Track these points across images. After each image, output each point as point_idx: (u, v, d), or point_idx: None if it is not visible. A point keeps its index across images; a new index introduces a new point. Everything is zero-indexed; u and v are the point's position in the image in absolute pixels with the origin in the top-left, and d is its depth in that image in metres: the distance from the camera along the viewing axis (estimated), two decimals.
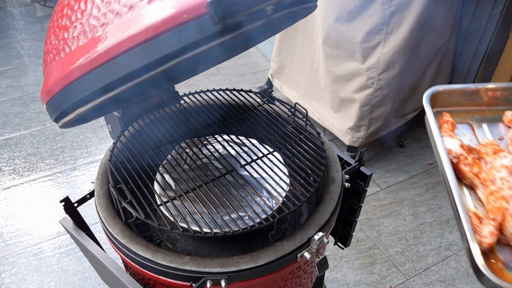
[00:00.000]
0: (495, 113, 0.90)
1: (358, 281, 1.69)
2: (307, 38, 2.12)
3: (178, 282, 0.82)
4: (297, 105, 1.10)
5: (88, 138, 2.43)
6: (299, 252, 0.84)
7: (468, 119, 0.91)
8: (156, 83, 1.07)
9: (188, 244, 1.01)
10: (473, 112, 0.91)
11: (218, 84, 2.90)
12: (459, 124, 0.89)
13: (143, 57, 0.61)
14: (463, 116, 0.91)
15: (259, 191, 0.98)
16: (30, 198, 2.04)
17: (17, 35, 3.59)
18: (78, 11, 0.67)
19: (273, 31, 1.06)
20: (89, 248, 0.91)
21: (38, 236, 1.86)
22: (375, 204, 2.03)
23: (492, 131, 0.87)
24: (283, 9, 0.69)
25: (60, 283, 1.67)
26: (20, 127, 2.51)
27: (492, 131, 0.87)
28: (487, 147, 0.79)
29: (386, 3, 1.72)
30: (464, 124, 0.90)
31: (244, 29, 0.64)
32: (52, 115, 0.75)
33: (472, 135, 0.87)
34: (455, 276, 1.72)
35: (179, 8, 0.59)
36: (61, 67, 0.67)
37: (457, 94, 0.91)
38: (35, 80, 2.96)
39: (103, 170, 1.02)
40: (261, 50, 3.31)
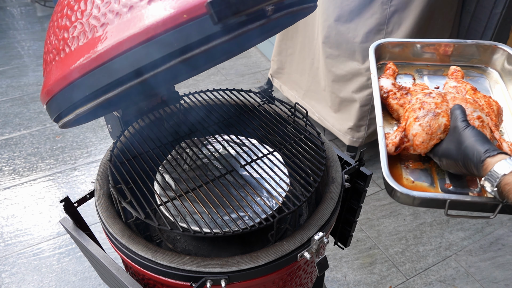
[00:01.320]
0: (438, 68, 0.99)
1: (358, 281, 1.69)
2: (307, 38, 2.12)
3: (178, 282, 0.82)
4: (297, 105, 1.10)
5: (88, 138, 2.43)
6: (299, 252, 0.84)
7: (413, 71, 1.01)
8: (156, 83, 1.07)
9: (188, 244, 1.01)
10: (418, 66, 1.01)
11: (218, 84, 2.90)
12: (403, 75, 0.99)
13: (143, 57, 0.61)
14: (409, 69, 1.01)
15: (259, 191, 0.98)
16: (30, 198, 2.04)
17: (17, 35, 3.59)
18: (78, 11, 0.67)
19: (273, 31, 1.06)
20: (89, 248, 0.91)
21: (38, 236, 1.86)
22: (375, 204, 2.03)
23: (431, 81, 0.96)
24: (283, 9, 0.69)
25: (60, 283, 1.67)
26: (20, 127, 2.51)
27: (431, 81, 0.96)
28: (417, 86, 0.89)
29: (386, 3, 1.72)
30: (408, 75, 1.00)
31: (244, 29, 0.64)
32: (52, 115, 0.75)
33: (411, 84, 0.96)
34: (455, 276, 1.72)
35: (179, 8, 0.59)
36: (61, 67, 0.67)
37: (402, 47, 1.01)
38: (35, 80, 2.96)
39: (103, 170, 1.02)
40: (261, 50, 3.31)
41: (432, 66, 1.01)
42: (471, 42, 0.96)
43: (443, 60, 1.00)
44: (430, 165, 0.83)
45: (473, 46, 0.96)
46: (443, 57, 1.00)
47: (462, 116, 0.76)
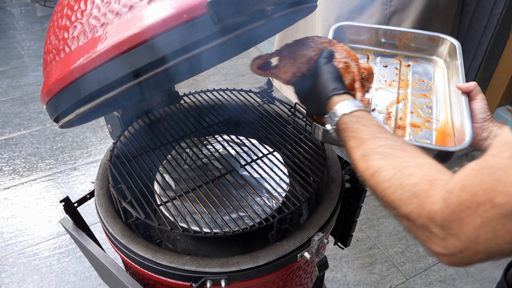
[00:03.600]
0: (392, 53, 1.07)
1: (358, 281, 1.69)
2: None
3: (178, 282, 0.82)
4: (297, 105, 1.10)
5: (88, 138, 2.43)
6: (299, 252, 0.84)
7: (370, 53, 1.07)
8: (156, 83, 1.07)
9: (188, 244, 1.01)
10: (375, 50, 1.08)
11: (218, 84, 2.90)
12: (359, 55, 1.06)
13: (143, 57, 0.61)
14: (366, 52, 1.08)
15: (259, 191, 0.98)
16: (30, 198, 2.04)
17: (17, 35, 3.59)
18: (78, 11, 0.67)
19: (273, 31, 1.06)
20: (89, 248, 0.91)
21: (38, 236, 1.86)
22: (375, 204, 2.03)
23: (382, 61, 1.04)
24: (283, 9, 0.69)
25: (60, 283, 1.67)
26: (20, 127, 2.51)
27: (382, 61, 1.04)
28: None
29: (386, 3, 1.72)
30: (363, 55, 1.07)
31: (244, 29, 0.64)
32: (52, 115, 0.75)
33: (364, 62, 1.01)
34: (455, 276, 1.72)
35: (179, 8, 0.59)
36: (61, 67, 0.67)
37: (359, 31, 1.08)
38: (35, 80, 2.96)
39: (103, 170, 1.02)
40: (261, 50, 3.31)
41: (388, 52, 1.08)
42: (422, 32, 1.04)
43: (397, 47, 1.07)
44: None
45: (424, 36, 1.04)
46: (398, 45, 1.07)
47: (326, 54, 0.76)
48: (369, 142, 0.57)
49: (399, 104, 0.91)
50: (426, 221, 0.45)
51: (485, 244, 0.40)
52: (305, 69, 0.79)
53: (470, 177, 0.41)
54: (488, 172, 0.39)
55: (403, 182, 0.49)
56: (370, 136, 0.58)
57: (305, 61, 0.79)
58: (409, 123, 0.85)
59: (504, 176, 0.38)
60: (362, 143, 0.58)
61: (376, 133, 0.58)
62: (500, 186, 0.38)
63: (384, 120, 0.86)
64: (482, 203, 0.39)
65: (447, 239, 0.43)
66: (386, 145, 0.55)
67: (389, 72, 1.00)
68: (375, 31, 1.06)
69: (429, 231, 0.45)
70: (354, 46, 1.08)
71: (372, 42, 1.08)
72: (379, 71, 1.00)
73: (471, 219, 0.40)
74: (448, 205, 0.43)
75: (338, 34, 1.06)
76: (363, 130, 0.59)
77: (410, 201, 0.48)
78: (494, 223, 0.39)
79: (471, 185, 0.41)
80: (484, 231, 0.40)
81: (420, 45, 1.05)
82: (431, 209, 0.45)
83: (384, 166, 0.53)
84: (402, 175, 0.50)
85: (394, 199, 0.50)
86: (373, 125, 0.60)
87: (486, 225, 0.39)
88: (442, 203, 0.44)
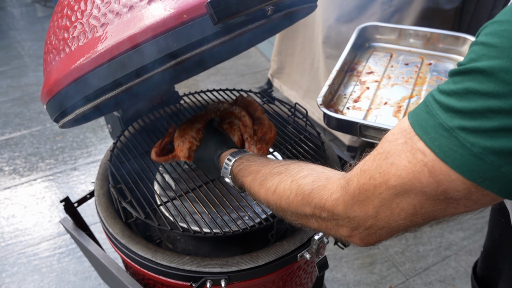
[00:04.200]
0: (417, 53, 1.09)
1: (358, 281, 1.69)
2: (307, 38, 2.12)
3: (178, 282, 0.82)
4: (297, 105, 1.10)
5: (88, 138, 2.43)
6: (299, 252, 0.84)
7: (393, 52, 1.10)
8: (156, 83, 1.07)
9: (188, 244, 1.01)
10: (399, 50, 1.11)
11: (218, 84, 2.90)
12: (383, 52, 1.09)
13: (143, 57, 0.61)
14: (390, 50, 1.11)
15: None
16: (30, 198, 2.04)
17: (17, 35, 3.59)
18: (78, 11, 0.67)
19: (273, 31, 1.06)
20: (89, 248, 0.91)
21: (38, 236, 1.86)
22: None
23: (404, 60, 1.06)
24: (283, 9, 0.69)
25: (60, 283, 1.67)
26: (20, 127, 2.52)
27: (404, 60, 1.06)
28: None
29: (386, 3, 1.72)
30: (387, 53, 1.09)
31: (244, 29, 0.64)
32: (52, 115, 0.75)
33: (386, 60, 1.06)
34: (455, 276, 1.72)
35: (179, 8, 0.59)
36: (61, 67, 0.67)
37: (385, 31, 1.12)
38: (36, 80, 2.96)
39: (103, 170, 1.02)
40: (261, 50, 3.31)
41: (412, 51, 1.11)
42: (446, 32, 1.05)
43: (424, 47, 1.10)
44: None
45: (449, 36, 1.05)
46: (425, 44, 1.09)
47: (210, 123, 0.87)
48: (263, 170, 0.63)
49: (411, 99, 0.93)
50: (329, 213, 0.50)
51: (384, 221, 0.45)
52: (197, 141, 0.86)
53: (369, 163, 0.45)
54: (384, 156, 0.43)
55: (301, 184, 0.54)
56: (262, 165, 0.64)
57: (195, 135, 0.87)
58: None
59: (397, 160, 0.41)
60: (257, 173, 0.64)
61: (266, 162, 0.64)
62: (393, 169, 0.41)
63: (394, 113, 0.89)
64: (378, 185, 0.43)
65: (352, 221, 0.48)
66: (278, 166, 0.61)
67: (409, 69, 1.02)
68: (403, 31, 1.09)
69: (336, 219, 0.50)
70: (379, 45, 1.12)
71: (398, 42, 1.11)
72: (399, 69, 1.03)
73: (370, 200, 0.45)
74: (347, 191, 0.47)
75: (363, 35, 1.10)
76: (253, 165, 0.66)
77: (311, 198, 0.52)
78: (390, 203, 0.43)
79: (369, 169, 0.45)
80: (382, 210, 0.44)
81: (446, 45, 1.07)
82: (332, 200, 0.49)
83: (281, 180, 0.58)
84: (298, 178, 0.55)
85: (297, 204, 0.54)
86: (261, 159, 0.67)
87: (384, 205, 0.44)
88: (342, 191, 0.48)
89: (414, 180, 0.40)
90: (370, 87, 0.97)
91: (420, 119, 0.40)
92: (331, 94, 0.94)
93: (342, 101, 0.94)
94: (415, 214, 0.43)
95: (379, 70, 1.03)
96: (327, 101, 0.92)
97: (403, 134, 0.42)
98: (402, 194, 0.42)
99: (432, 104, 0.40)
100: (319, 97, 0.87)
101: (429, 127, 0.39)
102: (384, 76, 1.01)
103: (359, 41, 1.10)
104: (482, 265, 0.74)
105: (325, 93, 0.89)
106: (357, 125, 0.81)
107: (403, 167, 0.41)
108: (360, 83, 0.99)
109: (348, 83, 0.99)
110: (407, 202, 0.42)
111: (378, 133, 0.81)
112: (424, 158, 0.39)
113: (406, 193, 0.42)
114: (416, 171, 0.40)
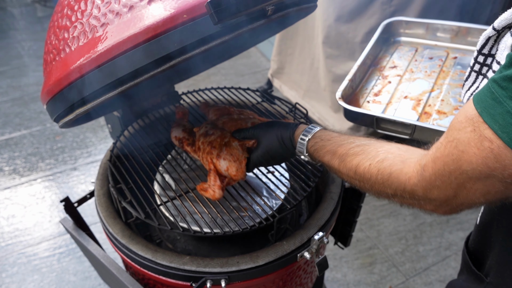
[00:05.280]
0: (443, 46, 1.10)
1: (358, 281, 1.69)
2: (307, 38, 2.12)
3: (178, 282, 0.82)
4: (297, 104, 1.10)
5: (88, 138, 2.43)
6: (299, 252, 0.84)
7: (418, 46, 1.11)
8: (156, 83, 1.07)
9: (188, 244, 1.01)
10: (425, 44, 1.12)
11: (218, 84, 2.88)
12: (408, 46, 1.11)
13: (143, 57, 0.61)
14: (416, 45, 1.12)
15: (259, 190, 0.98)
16: (30, 198, 2.04)
17: (17, 35, 3.59)
18: (78, 11, 0.67)
19: (273, 31, 1.06)
20: (89, 248, 0.91)
21: (38, 236, 1.86)
22: (375, 204, 2.03)
23: (429, 54, 1.07)
24: (283, 9, 0.69)
25: (60, 283, 1.67)
26: (20, 127, 2.52)
27: (429, 54, 1.07)
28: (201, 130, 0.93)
29: (386, 3, 1.72)
30: (412, 48, 1.11)
31: (244, 29, 0.64)
32: (52, 115, 0.75)
33: (411, 54, 1.08)
34: (455, 276, 1.71)
35: (179, 8, 0.59)
36: (61, 67, 0.67)
37: (412, 26, 1.13)
38: (36, 80, 2.96)
39: (103, 170, 1.02)
40: (261, 50, 3.31)
41: (439, 45, 1.11)
42: (475, 26, 1.06)
43: (451, 40, 1.10)
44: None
45: (477, 30, 1.05)
46: (453, 38, 1.10)
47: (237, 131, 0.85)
48: (339, 150, 0.65)
49: (432, 92, 0.93)
50: (410, 195, 0.54)
51: (463, 199, 0.49)
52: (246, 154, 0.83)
53: (441, 150, 0.49)
54: (455, 145, 0.47)
55: (379, 168, 0.58)
56: (336, 145, 0.66)
57: (242, 151, 0.83)
58: (436, 109, 0.89)
59: (467, 148, 0.45)
60: (333, 154, 0.66)
61: (340, 142, 0.67)
62: (465, 156, 0.45)
63: (413, 107, 0.90)
64: (452, 171, 0.47)
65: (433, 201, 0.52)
66: (353, 146, 0.64)
67: (433, 63, 1.03)
68: (430, 25, 1.10)
69: (417, 200, 0.54)
70: (405, 39, 1.13)
71: (425, 36, 1.12)
72: (423, 63, 1.03)
73: (448, 184, 0.49)
74: (424, 177, 0.51)
75: (389, 29, 1.12)
76: (328, 145, 0.68)
77: (391, 181, 0.56)
78: (465, 184, 0.47)
79: (442, 156, 0.48)
80: (460, 190, 0.48)
81: (475, 38, 1.07)
82: (411, 184, 0.53)
83: (360, 162, 0.61)
84: (376, 163, 0.59)
85: (379, 186, 0.58)
86: (334, 136, 0.69)
87: (460, 186, 0.48)
88: (419, 177, 0.52)
89: (483, 165, 0.44)
90: (392, 81, 0.98)
91: (487, 106, 0.43)
92: (352, 88, 0.95)
93: (363, 95, 0.95)
94: (488, 193, 0.46)
95: (402, 64, 1.04)
96: (347, 95, 0.93)
97: (471, 122, 0.45)
98: (475, 178, 0.46)
99: (498, 91, 0.42)
100: (338, 91, 0.89)
101: (497, 114, 0.42)
102: (407, 70, 1.01)
103: (384, 35, 1.11)
104: (475, 238, 0.75)
105: (345, 87, 0.90)
106: (374, 118, 0.83)
107: (472, 154, 0.44)
108: (382, 77, 1.00)
109: (371, 77, 1.00)
110: (480, 184, 0.46)
111: (394, 126, 0.82)
112: (490, 145, 0.43)
113: (477, 177, 0.45)
114: (484, 157, 0.43)
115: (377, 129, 0.84)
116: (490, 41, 0.61)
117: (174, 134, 0.97)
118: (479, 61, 0.67)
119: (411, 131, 0.82)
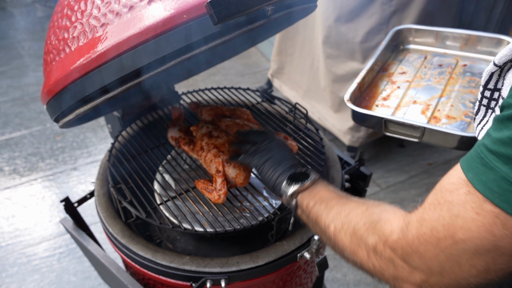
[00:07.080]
0: (452, 54, 1.10)
1: (358, 281, 1.69)
2: (307, 38, 2.12)
3: (178, 282, 0.82)
4: (297, 104, 1.10)
5: (88, 138, 2.43)
6: (299, 252, 0.84)
7: (428, 53, 1.11)
8: (156, 83, 1.07)
9: (188, 244, 1.01)
10: (434, 52, 1.12)
11: (218, 84, 2.88)
12: (417, 54, 1.11)
13: (143, 57, 0.61)
14: (425, 52, 1.12)
15: (259, 189, 0.98)
16: (31, 198, 2.04)
17: (17, 35, 3.59)
18: (78, 12, 0.67)
19: (273, 31, 1.06)
20: (89, 248, 0.91)
21: (38, 236, 1.86)
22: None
23: (439, 61, 1.07)
24: (283, 9, 0.69)
25: (60, 282, 1.67)
26: (20, 127, 2.52)
27: (438, 61, 1.07)
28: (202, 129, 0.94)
29: (386, 3, 1.72)
30: (421, 55, 1.11)
31: (244, 29, 0.64)
32: (53, 115, 0.75)
33: (420, 61, 1.08)
34: None
35: (179, 8, 0.59)
36: (61, 67, 0.67)
37: (421, 34, 1.13)
38: (36, 80, 2.96)
39: (103, 170, 1.02)
40: (261, 50, 3.31)
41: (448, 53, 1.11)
42: (485, 34, 1.05)
43: (460, 49, 1.09)
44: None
45: (487, 38, 1.05)
46: (462, 47, 1.09)
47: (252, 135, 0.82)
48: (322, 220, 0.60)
49: (441, 98, 0.93)
50: (390, 251, 0.45)
51: (451, 278, 0.40)
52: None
53: (429, 212, 0.41)
54: (447, 208, 0.39)
55: (370, 213, 0.51)
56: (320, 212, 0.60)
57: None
58: (445, 114, 0.89)
59: (462, 212, 0.38)
60: (316, 224, 0.61)
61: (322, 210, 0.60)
62: (460, 222, 0.38)
63: (421, 111, 0.90)
64: (442, 239, 0.39)
65: (413, 273, 0.43)
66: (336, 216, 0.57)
67: (442, 70, 1.03)
68: (439, 34, 1.09)
69: (394, 265, 0.45)
70: (414, 47, 1.13)
71: (434, 44, 1.11)
72: (432, 70, 1.03)
73: (433, 254, 0.40)
74: (405, 235, 0.43)
75: (398, 37, 1.12)
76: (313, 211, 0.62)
77: (378, 228, 0.48)
78: (458, 258, 0.39)
79: (430, 219, 0.41)
80: (449, 266, 0.39)
81: (484, 47, 1.06)
82: (392, 238, 0.45)
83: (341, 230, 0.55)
84: (366, 209, 0.53)
85: (361, 235, 0.51)
86: (318, 201, 0.62)
87: (450, 260, 0.39)
88: (400, 233, 0.44)
89: (485, 233, 0.36)
90: (401, 87, 0.98)
91: (478, 173, 0.37)
92: (360, 91, 0.96)
93: (371, 99, 0.96)
94: (487, 270, 0.38)
95: (411, 70, 1.04)
96: (355, 98, 0.94)
97: (464, 183, 0.39)
98: (473, 250, 0.37)
99: (487, 155, 0.37)
100: (347, 93, 0.90)
101: (490, 181, 0.36)
102: (416, 76, 1.01)
103: (393, 43, 1.11)
104: None
105: (353, 90, 0.91)
106: (382, 120, 0.82)
107: (471, 219, 0.37)
108: (391, 83, 1.00)
109: (379, 82, 1.01)
110: (479, 258, 0.37)
111: (403, 129, 0.82)
112: (494, 209, 0.35)
113: (476, 249, 0.37)
114: (487, 223, 0.36)
115: (386, 132, 0.83)
116: (494, 76, 0.56)
117: (171, 134, 0.99)
118: (486, 96, 0.62)
119: (421, 134, 0.80)
